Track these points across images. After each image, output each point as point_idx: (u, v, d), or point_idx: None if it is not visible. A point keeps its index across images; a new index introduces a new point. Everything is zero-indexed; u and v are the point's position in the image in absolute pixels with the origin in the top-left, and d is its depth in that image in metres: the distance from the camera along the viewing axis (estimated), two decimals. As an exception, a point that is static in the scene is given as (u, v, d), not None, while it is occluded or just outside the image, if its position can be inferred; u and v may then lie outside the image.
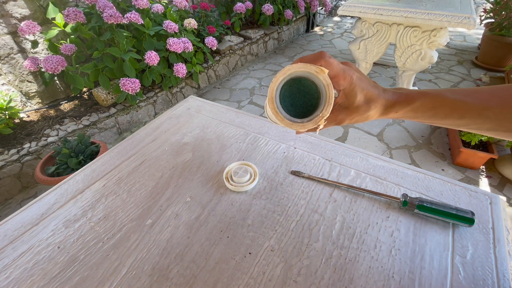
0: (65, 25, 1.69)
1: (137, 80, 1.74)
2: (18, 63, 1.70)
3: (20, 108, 1.78)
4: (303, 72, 0.27)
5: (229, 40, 2.71)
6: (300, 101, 0.30)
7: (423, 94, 0.31)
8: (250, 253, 0.43)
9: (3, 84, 1.68)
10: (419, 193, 0.51)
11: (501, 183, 1.50)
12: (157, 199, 0.52)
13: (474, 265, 0.40)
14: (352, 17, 4.19)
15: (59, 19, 1.64)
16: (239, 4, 2.60)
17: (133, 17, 1.72)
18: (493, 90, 0.29)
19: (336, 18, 4.30)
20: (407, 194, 0.47)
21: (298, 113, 0.30)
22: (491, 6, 2.44)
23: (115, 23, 1.64)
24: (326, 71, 0.27)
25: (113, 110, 1.87)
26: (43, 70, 1.56)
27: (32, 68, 1.56)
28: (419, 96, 0.31)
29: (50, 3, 1.65)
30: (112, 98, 1.88)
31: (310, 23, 3.75)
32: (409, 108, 0.31)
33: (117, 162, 0.62)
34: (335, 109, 0.32)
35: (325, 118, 0.27)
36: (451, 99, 0.30)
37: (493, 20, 2.47)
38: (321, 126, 0.29)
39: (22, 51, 1.70)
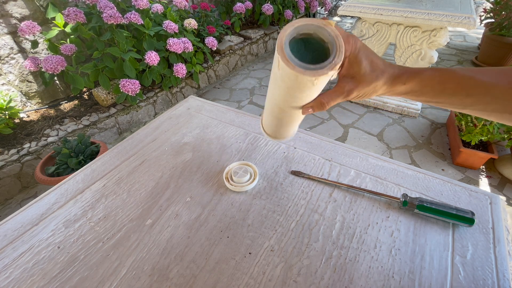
0: (65, 25, 1.69)
1: (137, 81, 1.74)
2: (18, 63, 1.70)
3: (20, 108, 1.78)
4: (310, 26, 0.27)
5: (229, 40, 2.71)
6: (308, 57, 0.29)
7: (431, 68, 0.32)
8: (250, 253, 0.43)
9: (3, 84, 1.68)
10: (419, 193, 0.51)
11: (501, 183, 1.50)
12: (157, 199, 0.52)
13: (474, 265, 0.40)
14: (352, 17, 4.19)
15: (59, 19, 1.64)
16: (239, 4, 2.60)
17: (133, 17, 1.72)
18: (502, 69, 0.30)
19: (336, 18, 4.30)
20: (407, 194, 0.47)
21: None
22: (491, 6, 2.43)
23: (114, 23, 1.64)
24: (333, 23, 0.27)
25: (113, 110, 1.87)
26: (43, 70, 1.55)
27: (32, 68, 1.56)
28: (427, 69, 0.31)
29: (50, 3, 1.65)
30: (112, 98, 1.88)
31: (310, 23, 3.74)
32: (418, 80, 0.31)
33: (117, 162, 0.62)
34: (342, 81, 0.32)
35: (338, 66, 0.26)
36: (460, 74, 0.30)
37: (493, 20, 2.47)
38: (324, 80, 0.27)
39: (22, 51, 1.70)
